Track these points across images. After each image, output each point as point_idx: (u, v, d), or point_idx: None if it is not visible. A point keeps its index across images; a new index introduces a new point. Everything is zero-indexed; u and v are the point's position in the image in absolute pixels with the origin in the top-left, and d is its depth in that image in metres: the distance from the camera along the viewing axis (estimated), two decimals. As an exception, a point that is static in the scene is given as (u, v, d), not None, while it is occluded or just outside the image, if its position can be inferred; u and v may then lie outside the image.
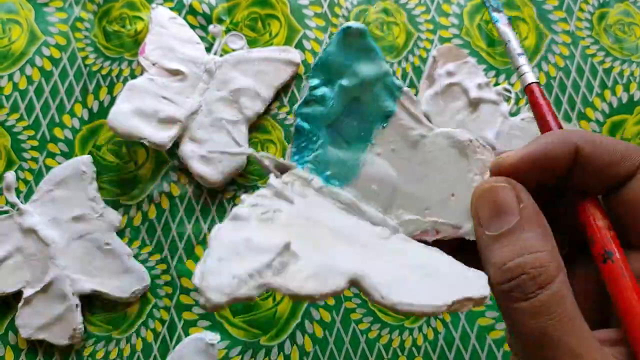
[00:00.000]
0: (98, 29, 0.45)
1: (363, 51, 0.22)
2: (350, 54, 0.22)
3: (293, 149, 0.22)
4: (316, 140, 0.22)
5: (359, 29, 0.22)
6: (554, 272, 0.19)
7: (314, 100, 0.22)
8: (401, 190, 0.23)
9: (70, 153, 0.42)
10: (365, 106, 0.22)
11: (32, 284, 0.38)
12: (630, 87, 0.45)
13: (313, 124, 0.22)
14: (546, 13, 0.47)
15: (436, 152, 0.23)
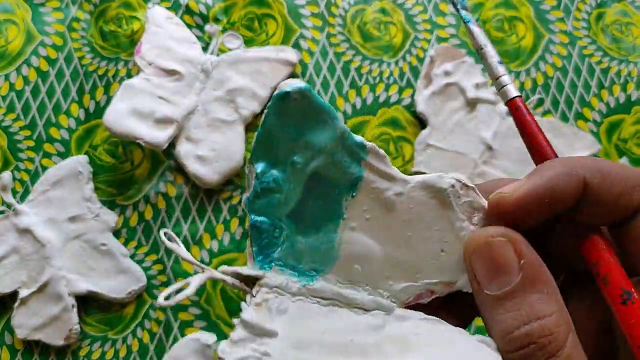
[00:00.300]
0: (94, 29, 0.45)
1: (311, 115, 0.18)
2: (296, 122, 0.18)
3: (254, 249, 0.19)
4: (279, 234, 0.19)
5: (300, 90, 0.17)
6: (563, 337, 0.17)
7: (265, 188, 0.18)
8: (387, 261, 0.20)
9: (67, 153, 0.42)
10: (327, 179, 0.19)
11: (28, 284, 0.38)
12: (627, 87, 0.45)
13: (271, 216, 0.19)
14: (544, 13, 0.47)
15: (416, 208, 0.19)
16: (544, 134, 0.22)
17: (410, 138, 0.43)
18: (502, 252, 0.18)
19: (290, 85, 0.17)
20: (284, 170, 0.18)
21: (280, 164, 0.18)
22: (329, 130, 0.18)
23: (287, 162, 0.18)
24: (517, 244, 0.18)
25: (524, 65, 0.45)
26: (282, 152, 0.18)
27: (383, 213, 0.19)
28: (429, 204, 0.19)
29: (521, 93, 0.45)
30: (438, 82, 0.43)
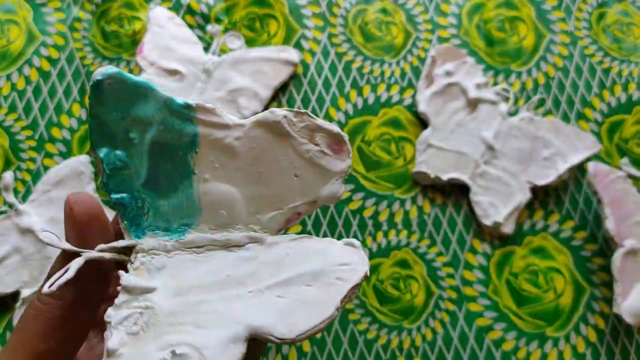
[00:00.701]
0: (96, 29, 0.45)
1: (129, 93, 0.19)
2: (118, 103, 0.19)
3: (125, 223, 0.21)
4: (142, 204, 0.21)
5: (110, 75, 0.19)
6: None
7: (113, 169, 0.20)
8: (249, 199, 0.22)
9: (68, 153, 0.42)
10: (167, 144, 0.20)
11: (30, 284, 0.38)
12: (628, 87, 0.45)
13: (129, 191, 0.20)
14: (545, 13, 0.47)
15: (258, 146, 0.21)
16: None
17: (411, 138, 0.43)
18: None
19: (101, 73, 0.19)
20: (125, 148, 0.20)
21: (119, 144, 0.20)
22: (151, 102, 0.20)
23: (125, 140, 0.20)
24: None
25: (525, 66, 0.45)
26: (117, 134, 0.20)
27: (229, 158, 0.21)
28: (269, 138, 0.21)
29: (522, 93, 0.45)
30: (439, 82, 0.43)
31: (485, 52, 0.46)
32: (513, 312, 0.40)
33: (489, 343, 0.39)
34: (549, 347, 0.39)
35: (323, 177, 0.22)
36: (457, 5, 0.47)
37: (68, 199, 0.20)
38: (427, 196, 0.42)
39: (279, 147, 0.21)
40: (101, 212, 0.21)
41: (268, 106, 0.43)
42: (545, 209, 0.42)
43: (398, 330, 0.39)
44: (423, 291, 0.40)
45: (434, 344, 0.39)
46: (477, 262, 0.41)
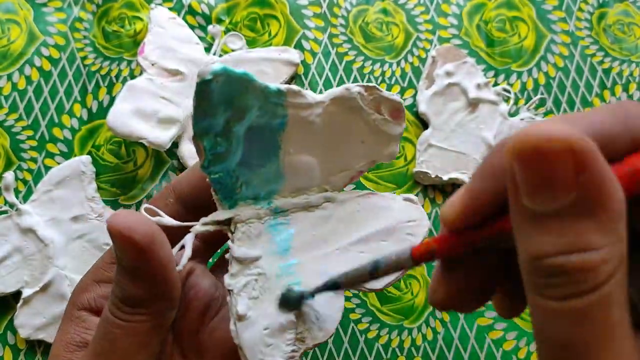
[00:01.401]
0: (97, 29, 0.45)
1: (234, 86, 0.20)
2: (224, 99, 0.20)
3: (220, 197, 0.22)
4: (236, 181, 0.22)
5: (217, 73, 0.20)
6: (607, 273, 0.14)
7: (215, 156, 0.22)
8: (324, 166, 0.24)
9: (70, 153, 0.42)
10: (260, 127, 0.22)
11: (31, 284, 0.38)
12: (629, 87, 0.45)
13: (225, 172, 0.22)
14: (546, 13, 0.47)
15: (334, 119, 0.23)
16: None
17: (412, 138, 0.43)
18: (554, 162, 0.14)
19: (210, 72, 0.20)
20: (226, 136, 0.21)
21: (221, 133, 0.21)
22: (251, 92, 0.21)
23: (226, 129, 0.21)
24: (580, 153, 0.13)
25: (526, 66, 0.45)
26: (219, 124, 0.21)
27: (311, 133, 0.23)
28: (344, 112, 0.23)
29: (523, 94, 0.45)
30: (440, 82, 0.43)
31: (486, 52, 0.46)
32: (514, 312, 0.40)
33: (490, 342, 0.39)
34: (549, 347, 0.39)
35: (384, 140, 0.24)
36: (458, 5, 0.47)
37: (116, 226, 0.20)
38: (428, 196, 0.42)
39: (351, 119, 0.23)
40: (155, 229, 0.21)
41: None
42: (546, 209, 0.42)
43: (399, 330, 0.39)
44: (424, 291, 0.40)
45: (435, 344, 0.39)
46: (477, 262, 0.41)
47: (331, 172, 0.25)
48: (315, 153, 0.24)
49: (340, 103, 0.23)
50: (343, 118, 0.23)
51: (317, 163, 0.24)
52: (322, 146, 0.24)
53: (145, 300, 0.21)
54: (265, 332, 0.21)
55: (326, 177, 0.24)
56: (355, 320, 0.39)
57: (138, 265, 0.20)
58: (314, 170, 0.24)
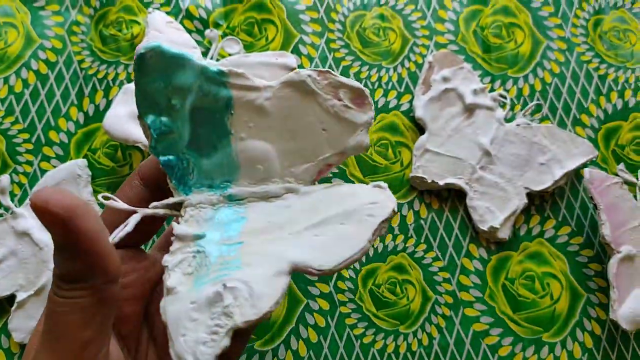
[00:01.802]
0: (94, 33, 0.45)
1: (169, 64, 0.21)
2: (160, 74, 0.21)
3: (174, 182, 0.23)
4: (187, 164, 0.22)
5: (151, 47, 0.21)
6: None
7: (161, 134, 0.22)
8: (282, 154, 0.24)
9: (66, 156, 0.42)
10: (205, 108, 0.22)
11: (26, 287, 0.38)
12: (625, 94, 0.45)
13: (174, 153, 0.22)
14: (542, 19, 0.47)
15: (287, 104, 0.23)
16: None
17: (408, 143, 0.43)
18: None
19: (143, 47, 0.20)
20: (169, 114, 0.21)
21: (163, 110, 0.21)
22: (189, 71, 0.21)
23: (168, 107, 0.21)
24: None
25: (522, 72, 0.45)
26: (160, 102, 0.21)
27: (262, 117, 0.23)
28: (296, 97, 0.23)
29: (519, 99, 0.45)
30: (436, 87, 0.43)
31: (482, 58, 0.46)
32: (509, 317, 0.40)
33: (485, 348, 0.39)
34: (545, 352, 0.39)
35: (349, 129, 0.23)
36: (455, 11, 0.47)
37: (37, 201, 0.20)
38: (424, 201, 0.42)
39: (306, 105, 0.23)
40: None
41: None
42: (542, 214, 0.42)
43: (394, 335, 0.39)
44: (419, 296, 0.40)
45: (431, 349, 0.39)
46: (473, 267, 0.41)
47: (293, 162, 0.24)
48: (271, 140, 0.23)
49: (292, 87, 0.23)
50: (297, 103, 0.23)
51: (274, 151, 0.24)
52: (278, 133, 0.23)
53: (80, 275, 0.20)
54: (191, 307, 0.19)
55: (288, 168, 0.24)
56: (350, 325, 0.39)
57: (64, 240, 0.19)
58: (272, 159, 0.24)
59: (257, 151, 0.23)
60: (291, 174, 0.24)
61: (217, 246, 0.22)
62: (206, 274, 0.21)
